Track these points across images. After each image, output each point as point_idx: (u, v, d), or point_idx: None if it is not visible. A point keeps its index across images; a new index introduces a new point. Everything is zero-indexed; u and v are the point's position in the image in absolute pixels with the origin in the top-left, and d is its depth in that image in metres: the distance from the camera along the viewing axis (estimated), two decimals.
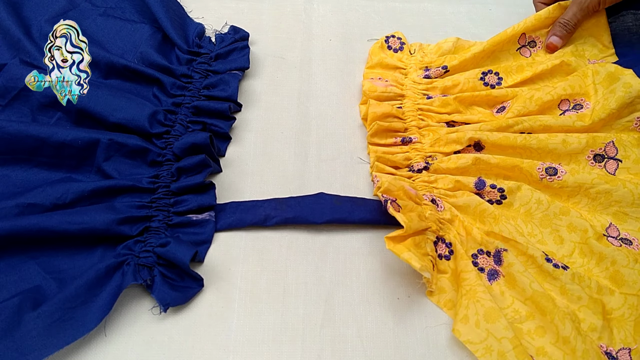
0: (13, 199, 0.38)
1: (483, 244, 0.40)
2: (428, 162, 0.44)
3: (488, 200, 0.43)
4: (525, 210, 0.42)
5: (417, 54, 0.52)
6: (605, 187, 0.41)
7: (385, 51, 0.53)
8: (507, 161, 0.43)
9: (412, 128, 0.47)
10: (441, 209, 0.42)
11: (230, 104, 0.47)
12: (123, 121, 0.43)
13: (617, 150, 0.43)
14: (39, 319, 0.33)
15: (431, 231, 0.40)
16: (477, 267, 0.39)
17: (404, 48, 0.52)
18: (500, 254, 0.39)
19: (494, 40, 0.51)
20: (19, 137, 0.41)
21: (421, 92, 0.49)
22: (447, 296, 0.39)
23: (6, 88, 0.45)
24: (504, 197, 0.42)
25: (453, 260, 0.40)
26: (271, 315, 0.38)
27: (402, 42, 0.53)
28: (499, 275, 0.39)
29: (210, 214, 0.41)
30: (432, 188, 0.43)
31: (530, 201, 0.41)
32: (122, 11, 0.52)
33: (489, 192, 0.43)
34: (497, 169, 0.43)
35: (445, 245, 0.40)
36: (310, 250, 0.41)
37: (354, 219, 0.41)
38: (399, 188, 0.41)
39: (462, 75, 0.49)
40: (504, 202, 0.42)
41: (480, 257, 0.40)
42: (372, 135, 0.46)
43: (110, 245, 0.39)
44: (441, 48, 0.52)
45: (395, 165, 0.45)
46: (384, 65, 0.51)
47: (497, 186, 0.42)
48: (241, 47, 0.50)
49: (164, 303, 0.37)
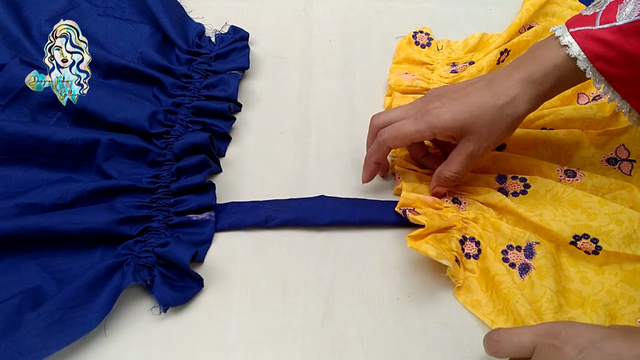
0: (13, 199, 0.38)
1: (513, 239, 0.39)
2: None
3: (513, 192, 0.42)
4: (552, 195, 0.41)
5: (445, 50, 0.52)
6: (621, 192, 0.41)
7: (412, 47, 0.53)
8: (526, 161, 0.43)
9: None
10: (464, 208, 0.42)
11: (230, 104, 0.47)
12: (123, 121, 0.43)
13: (629, 152, 0.43)
14: (39, 318, 0.33)
15: (456, 229, 0.40)
16: (507, 263, 0.39)
17: (432, 44, 0.52)
18: (532, 247, 0.38)
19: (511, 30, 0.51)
20: (19, 137, 0.41)
21: None
22: (473, 296, 0.38)
23: (6, 88, 0.45)
24: (527, 185, 0.42)
25: (481, 260, 0.39)
26: (271, 315, 0.38)
27: (430, 37, 0.53)
28: (530, 269, 0.38)
29: (210, 213, 0.41)
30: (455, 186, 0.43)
31: (556, 186, 0.41)
32: (122, 11, 0.52)
33: (511, 184, 0.42)
34: (516, 167, 0.43)
35: (474, 243, 0.40)
36: (310, 250, 0.41)
37: (355, 221, 0.41)
38: (414, 200, 0.41)
39: (484, 60, 0.49)
40: (529, 191, 0.42)
41: (510, 252, 0.40)
42: None
43: (110, 245, 0.39)
44: (468, 44, 0.52)
45: None
46: (411, 61, 0.51)
47: (519, 177, 0.42)
48: (241, 47, 0.50)
49: (164, 303, 0.37)
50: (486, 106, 0.36)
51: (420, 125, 0.38)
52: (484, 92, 0.37)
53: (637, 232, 0.37)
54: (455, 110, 0.37)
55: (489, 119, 0.36)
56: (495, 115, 0.36)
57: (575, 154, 0.44)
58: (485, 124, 0.37)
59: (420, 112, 0.38)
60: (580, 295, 0.37)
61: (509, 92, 0.36)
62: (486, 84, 0.37)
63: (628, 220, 0.38)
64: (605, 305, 0.37)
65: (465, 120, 0.36)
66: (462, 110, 0.37)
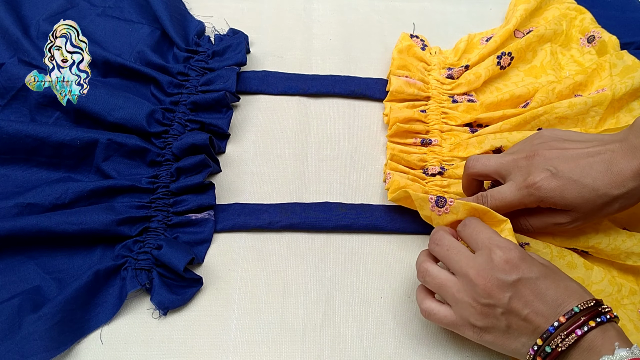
0: (12, 199, 0.38)
1: None
2: (444, 167, 0.44)
3: None
4: None
5: (439, 55, 0.52)
6: None
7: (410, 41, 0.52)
8: None
9: (434, 131, 0.47)
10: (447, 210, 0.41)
11: (226, 92, 0.46)
12: (121, 120, 0.43)
13: None
14: (40, 321, 0.33)
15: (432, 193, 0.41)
16: None
17: (425, 50, 0.52)
18: (523, 248, 0.38)
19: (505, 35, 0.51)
20: (18, 137, 0.41)
21: (447, 93, 0.49)
22: None
23: (5, 88, 0.45)
24: None
25: None
26: (271, 316, 0.38)
27: (425, 44, 0.53)
28: None
29: (209, 213, 0.41)
30: (444, 192, 0.43)
31: None
32: (121, 11, 0.52)
33: None
34: None
35: None
36: (310, 250, 0.41)
37: (359, 226, 0.41)
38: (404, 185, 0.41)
39: (481, 67, 0.49)
40: None
41: None
42: (391, 135, 0.46)
43: (109, 244, 0.39)
44: (459, 49, 0.52)
45: (410, 165, 0.45)
46: (412, 53, 0.51)
47: None
48: (237, 44, 0.50)
49: (163, 307, 0.37)
50: (599, 192, 0.33)
51: (525, 198, 0.35)
52: (601, 176, 0.33)
53: (625, 243, 0.37)
54: (566, 187, 0.34)
55: (598, 204, 0.34)
56: (605, 202, 0.34)
57: None
58: (592, 207, 0.34)
59: (526, 181, 0.35)
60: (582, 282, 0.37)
61: (628, 184, 0.33)
62: (604, 165, 0.34)
63: (615, 233, 0.38)
64: (607, 296, 0.37)
65: (574, 200, 0.34)
66: (573, 189, 0.34)
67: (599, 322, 0.29)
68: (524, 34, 0.53)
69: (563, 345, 0.29)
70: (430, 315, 0.34)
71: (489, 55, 0.50)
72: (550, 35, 0.51)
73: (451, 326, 0.33)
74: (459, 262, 0.33)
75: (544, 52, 0.51)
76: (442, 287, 0.33)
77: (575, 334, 0.29)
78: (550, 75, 0.50)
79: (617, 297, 0.37)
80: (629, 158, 0.33)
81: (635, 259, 0.37)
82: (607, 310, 0.30)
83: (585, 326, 0.29)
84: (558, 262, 0.38)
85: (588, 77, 0.47)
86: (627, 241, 0.37)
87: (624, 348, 0.27)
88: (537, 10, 0.54)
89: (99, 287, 0.37)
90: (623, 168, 0.33)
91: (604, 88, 0.46)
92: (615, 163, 0.33)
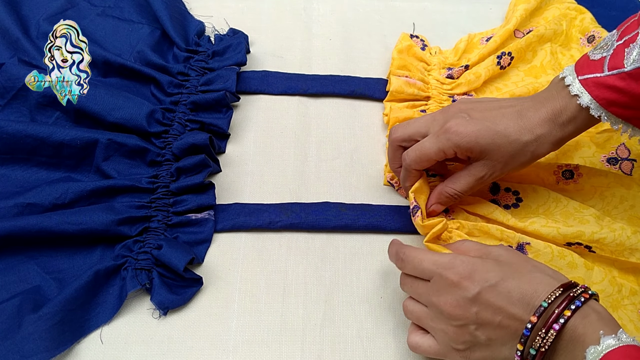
0: (12, 199, 0.38)
1: (504, 239, 0.39)
2: None
3: (504, 205, 0.42)
4: (544, 209, 0.41)
5: (438, 55, 0.52)
6: (619, 190, 0.41)
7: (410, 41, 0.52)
8: None
9: None
10: (451, 217, 0.41)
11: (226, 91, 0.46)
12: (121, 120, 0.43)
13: (630, 151, 0.43)
14: (40, 321, 0.33)
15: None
16: None
17: (425, 50, 0.52)
18: (524, 248, 0.38)
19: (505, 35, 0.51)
20: (18, 136, 0.41)
21: (446, 93, 0.49)
22: None
23: (5, 88, 0.45)
24: (519, 199, 0.42)
25: None
26: (271, 316, 0.38)
27: (425, 44, 0.53)
28: None
29: (209, 212, 0.41)
30: None
31: (548, 200, 0.41)
32: (121, 11, 0.52)
33: (503, 197, 0.42)
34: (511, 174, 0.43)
35: None
36: (310, 250, 0.41)
37: (359, 226, 0.42)
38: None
39: (481, 67, 0.49)
40: (521, 204, 0.42)
41: None
42: None
43: (109, 244, 0.39)
44: (459, 49, 0.52)
45: None
46: (412, 53, 0.51)
47: (512, 189, 0.42)
48: (237, 43, 0.50)
49: (163, 307, 0.37)
50: (510, 138, 0.35)
51: (443, 144, 0.36)
52: (511, 123, 0.36)
53: (630, 239, 0.37)
54: (480, 132, 0.35)
55: (510, 151, 0.36)
56: (517, 149, 0.36)
57: (576, 154, 0.44)
58: (505, 154, 0.36)
59: (442, 128, 0.36)
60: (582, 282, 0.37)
61: (536, 130, 0.35)
62: (515, 115, 0.36)
63: (620, 229, 0.38)
64: (607, 296, 0.37)
65: (488, 146, 0.35)
66: (486, 134, 0.35)
67: (573, 309, 0.28)
68: (524, 33, 0.53)
69: (544, 345, 0.28)
70: (416, 348, 0.34)
71: (489, 55, 0.50)
72: (550, 35, 0.51)
73: (440, 355, 0.33)
74: (422, 295, 0.33)
75: (544, 52, 0.51)
76: (420, 320, 0.34)
77: (553, 329, 0.28)
78: (550, 75, 0.50)
79: (618, 297, 0.37)
80: (537, 107, 0.36)
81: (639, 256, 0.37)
82: (579, 292, 0.29)
83: (561, 318, 0.28)
84: (558, 262, 0.38)
85: None
86: (632, 237, 0.37)
87: (610, 335, 0.26)
88: (537, 10, 0.54)
89: (99, 287, 0.37)
90: (532, 115, 0.36)
91: None
92: (525, 112, 0.36)
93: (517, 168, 0.37)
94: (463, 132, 0.35)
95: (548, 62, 0.51)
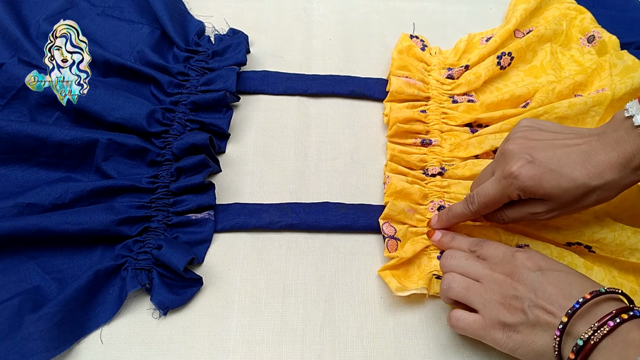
0: (12, 199, 0.38)
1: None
2: (444, 167, 0.44)
3: None
4: None
5: (438, 56, 0.52)
6: None
7: (410, 41, 0.52)
8: None
9: (434, 131, 0.46)
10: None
11: (226, 91, 0.46)
12: (121, 120, 0.43)
13: None
14: (40, 321, 0.33)
15: (433, 248, 0.40)
16: None
17: (425, 50, 0.52)
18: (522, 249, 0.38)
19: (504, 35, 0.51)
20: (18, 136, 0.41)
21: (447, 94, 0.49)
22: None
23: (5, 88, 0.45)
24: None
25: None
26: (271, 316, 0.38)
27: (425, 44, 0.53)
28: None
29: (209, 212, 0.41)
30: (444, 193, 0.43)
31: None
32: (121, 11, 0.52)
33: None
34: None
35: None
36: (310, 250, 0.41)
37: (359, 226, 0.42)
38: (399, 212, 0.41)
39: (481, 67, 0.49)
40: None
41: None
42: (391, 136, 0.46)
43: (109, 244, 0.39)
44: (459, 49, 0.52)
45: (410, 166, 0.45)
46: (412, 54, 0.51)
47: None
48: (237, 43, 0.50)
49: (163, 307, 0.37)
50: (577, 182, 0.33)
51: (507, 190, 0.35)
52: (579, 166, 0.33)
53: (630, 239, 0.37)
54: (544, 175, 0.33)
55: (576, 195, 0.33)
56: (583, 193, 0.33)
57: None
58: (569, 198, 0.34)
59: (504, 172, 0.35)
60: None
61: (606, 175, 0.33)
62: (582, 156, 0.33)
63: (620, 229, 0.38)
64: None
65: (552, 190, 0.33)
66: (550, 178, 0.33)
67: (631, 315, 0.28)
68: (524, 33, 0.53)
69: (595, 338, 0.27)
70: (457, 321, 0.34)
71: (489, 55, 0.50)
72: (550, 35, 0.51)
73: (480, 330, 0.33)
74: (481, 268, 0.34)
75: (544, 52, 0.51)
76: (469, 290, 0.33)
77: (607, 325, 0.27)
78: (550, 75, 0.50)
79: None
80: (607, 150, 0.33)
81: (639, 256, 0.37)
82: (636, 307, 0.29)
83: (617, 318, 0.28)
84: None
85: (588, 77, 0.47)
86: (632, 237, 0.37)
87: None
88: (537, 10, 0.54)
89: (99, 287, 0.37)
90: (602, 159, 0.33)
91: (604, 88, 0.46)
92: (594, 154, 0.33)
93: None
94: (526, 175, 0.34)
95: (548, 62, 0.51)
